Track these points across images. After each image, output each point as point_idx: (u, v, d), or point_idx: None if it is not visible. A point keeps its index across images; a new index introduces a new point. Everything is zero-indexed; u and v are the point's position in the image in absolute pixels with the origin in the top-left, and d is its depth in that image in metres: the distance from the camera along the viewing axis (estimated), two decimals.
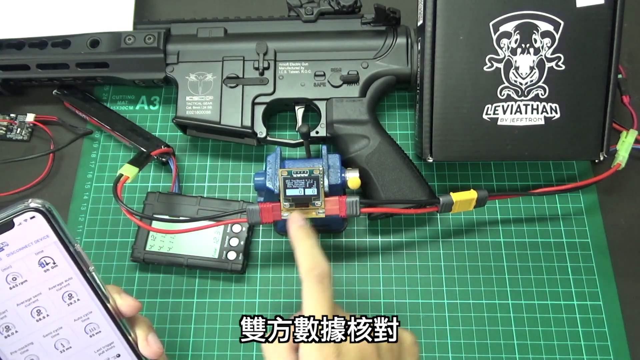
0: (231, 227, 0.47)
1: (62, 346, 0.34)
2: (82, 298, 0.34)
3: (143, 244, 0.47)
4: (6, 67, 0.51)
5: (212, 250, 0.46)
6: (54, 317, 0.34)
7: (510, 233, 0.49)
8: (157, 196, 0.48)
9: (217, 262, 0.46)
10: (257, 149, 0.53)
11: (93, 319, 0.34)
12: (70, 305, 0.34)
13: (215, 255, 0.46)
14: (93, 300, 0.34)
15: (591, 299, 0.46)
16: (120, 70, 0.51)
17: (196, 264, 0.46)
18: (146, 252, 0.46)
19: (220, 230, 0.47)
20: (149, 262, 0.46)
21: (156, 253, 0.46)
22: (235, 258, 0.46)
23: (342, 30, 0.51)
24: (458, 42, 0.44)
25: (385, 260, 0.48)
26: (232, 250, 0.46)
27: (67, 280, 0.33)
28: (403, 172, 0.46)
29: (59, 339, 0.34)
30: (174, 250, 0.46)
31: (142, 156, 0.47)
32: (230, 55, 0.50)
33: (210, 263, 0.46)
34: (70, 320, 0.34)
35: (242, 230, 0.47)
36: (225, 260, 0.46)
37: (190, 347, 0.45)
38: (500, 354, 0.45)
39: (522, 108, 0.45)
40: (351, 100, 0.49)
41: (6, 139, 0.54)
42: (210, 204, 0.48)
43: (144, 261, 0.46)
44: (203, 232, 0.46)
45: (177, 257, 0.46)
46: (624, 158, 0.46)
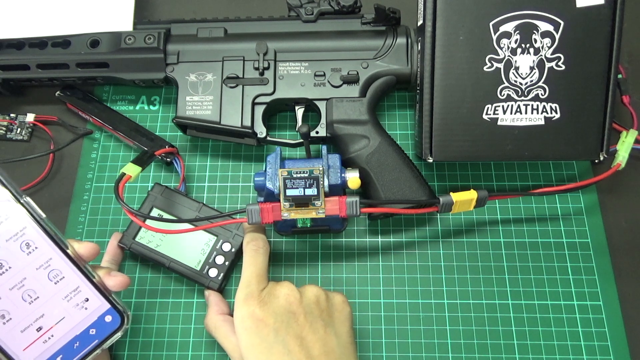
0: (221, 245, 0.46)
1: (30, 297, 0.35)
2: (39, 246, 0.35)
3: (134, 234, 0.46)
4: (6, 67, 0.51)
5: (196, 261, 0.46)
6: (16, 268, 0.35)
7: (510, 233, 0.49)
8: (163, 190, 0.48)
9: (196, 273, 0.46)
10: (257, 149, 0.53)
11: (54, 265, 0.35)
12: (30, 255, 0.35)
13: (197, 267, 0.46)
14: (51, 247, 0.35)
15: (591, 299, 0.46)
16: (121, 70, 0.51)
17: (177, 269, 0.46)
18: (134, 242, 0.46)
19: (210, 244, 0.46)
20: (134, 252, 0.46)
21: (143, 246, 0.46)
22: (215, 276, 0.45)
23: (342, 30, 0.51)
24: (458, 42, 0.44)
25: (385, 260, 0.48)
26: (215, 267, 0.46)
27: (22, 230, 0.35)
28: (403, 172, 0.46)
29: (25, 290, 0.35)
30: (160, 249, 0.46)
31: (145, 155, 0.47)
32: (230, 55, 0.50)
33: (189, 273, 0.46)
34: (32, 269, 0.35)
35: (231, 250, 0.46)
36: (205, 275, 0.45)
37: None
38: (500, 354, 0.45)
39: (522, 108, 0.45)
40: (351, 100, 0.49)
41: (6, 139, 0.54)
42: (210, 213, 0.47)
43: (129, 249, 0.46)
44: (193, 240, 0.46)
45: (161, 257, 0.46)
46: (624, 158, 0.46)
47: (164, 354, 0.45)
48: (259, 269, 0.41)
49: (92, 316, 0.36)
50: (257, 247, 0.42)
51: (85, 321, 0.36)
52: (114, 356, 0.45)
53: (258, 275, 0.40)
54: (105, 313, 0.36)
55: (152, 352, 0.45)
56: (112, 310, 0.36)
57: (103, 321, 0.36)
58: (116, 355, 0.45)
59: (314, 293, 0.39)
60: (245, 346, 0.37)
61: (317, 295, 0.39)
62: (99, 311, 0.36)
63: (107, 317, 0.36)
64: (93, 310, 0.36)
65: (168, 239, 0.47)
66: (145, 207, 0.47)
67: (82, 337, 0.36)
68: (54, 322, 0.35)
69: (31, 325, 0.35)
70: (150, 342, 0.46)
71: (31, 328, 0.35)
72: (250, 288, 0.39)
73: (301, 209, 0.40)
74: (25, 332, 0.35)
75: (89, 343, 0.36)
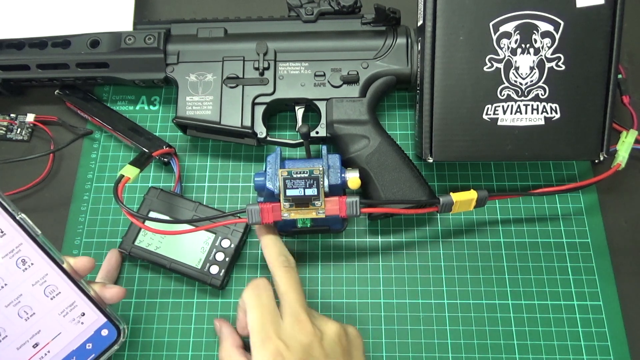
0: (220, 241, 0.46)
1: (26, 313, 0.35)
2: (35, 262, 0.35)
3: (133, 238, 0.46)
4: (6, 67, 0.51)
5: (197, 260, 0.46)
6: (12, 285, 0.34)
7: (510, 233, 0.49)
8: (158, 193, 0.48)
9: (198, 272, 0.45)
10: (257, 149, 0.53)
11: (50, 280, 0.35)
12: (26, 271, 0.35)
13: (198, 266, 0.46)
14: (47, 262, 0.35)
15: (591, 299, 0.46)
16: (121, 71, 0.51)
17: (178, 269, 0.46)
18: (133, 246, 0.46)
19: (209, 242, 0.46)
20: (134, 256, 0.46)
21: (143, 249, 0.46)
22: (216, 273, 0.45)
23: (342, 31, 0.51)
24: (458, 42, 0.44)
25: (385, 260, 0.48)
26: (215, 264, 0.46)
27: (18, 247, 0.34)
28: (403, 172, 0.46)
29: (21, 307, 0.35)
30: (160, 250, 0.46)
31: (143, 157, 0.47)
32: (230, 56, 0.50)
33: (191, 272, 0.46)
34: (28, 285, 0.35)
35: (231, 246, 0.46)
36: (207, 272, 0.45)
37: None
38: (500, 354, 0.45)
39: (522, 108, 0.45)
40: (351, 101, 0.49)
41: (6, 139, 0.54)
42: (206, 212, 0.47)
43: (129, 254, 0.46)
44: (192, 240, 0.46)
45: (162, 258, 0.46)
46: (624, 158, 0.46)
47: (164, 354, 0.45)
48: (298, 294, 0.38)
49: (89, 331, 0.36)
50: (288, 262, 0.40)
51: (81, 336, 0.36)
52: (115, 356, 0.45)
53: (297, 304, 0.37)
54: (101, 327, 0.36)
55: (152, 352, 0.45)
56: (109, 324, 0.36)
57: (99, 335, 0.36)
58: (116, 355, 0.45)
59: (335, 332, 0.38)
60: None
61: (339, 335, 0.38)
62: (95, 325, 0.36)
63: (103, 331, 0.36)
64: (89, 325, 0.36)
65: (167, 240, 0.47)
66: (142, 211, 0.47)
67: (79, 352, 0.35)
68: (50, 338, 0.35)
69: (27, 341, 0.35)
70: (150, 342, 0.46)
71: (27, 345, 0.34)
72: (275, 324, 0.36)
73: (301, 209, 0.40)
74: (22, 349, 0.34)
75: (86, 358, 0.36)
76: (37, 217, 0.37)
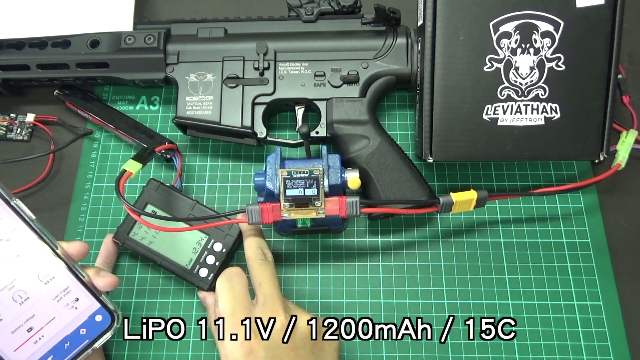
0: (213, 244, 0.46)
1: (20, 297, 0.35)
2: (29, 246, 0.35)
3: (128, 230, 0.46)
4: (6, 67, 0.51)
5: (188, 259, 0.46)
6: (6, 269, 0.35)
7: (510, 233, 0.49)
8: (158, 186, 0.48)
9: (187, 272, 0.45)
10: (257, 149, 0.53)
11: (44, 265, 0.36)
12: (20, 255, 0.35)
13: (187, 266, 0.46)
14: (41, 247, 0.35)
15: (591, 299, 0.46)
16: (121, 71, 0.51)
17: (168, 267, 0.46)
18: (127, 238, 0.46)
19: (202, 243, 0.46)
20: (127, 247, 0.46)
21: (136, 242, 0.46)
22: (205, 276, 0.45)
23: (342, 31, 0.51)
24: (458, 42, 0.44)
25: (385, 260, 0.48)
26: (205, 267, 0.45)
27: (12, 231, 0.35)
28: (403, 172, 0.46)
29: (16, 291, 0.35)
30: (153, 246, 0.46)
31: (145, 152, 0.47)
32: (230, 56, 0.50)
33: (180, 271, 0.45)
34: (22, 270, 0.35)
35: (222, 251, 0.46)
36: (196, 274, 0.45)
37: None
38: (500, 354, 0.45)
39: (522, 108, 0.45)
40: (351, 101, 0.49)
41: (6, 139, 0.54)
42: (203, 211, 0.47)
43: (123, 245, 0.46)
44: (185, 239, 0.46)
45: (153, 254, 0.46)
46: (624, 158, 0.46)
47: (164, 354, 0.45)
48: (273, 285, 0.39)
49: (82, 316, 0.36)
50: (264, 255, 0.41)
51: (75, 321, 0.36)
52: (115, 356, 0.45)
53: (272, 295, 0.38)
54: (95, 313, 0.36)
55: (152, 352, 0.45)
56: (102, 310, 0.37)
57: (93, 321, 0.36)
58: (116, 355, 0.45)
59: (307, 324, 0.38)
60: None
61: (311, 326, 0.38)
62: (89, 311, 0.36)
63: (97, 316, 0.36)
64: (83, 310, 0.36)
65: (161, 236, 0.46)
66: (139, 203, 0.47)
67: (73, 337, 0.36)
68: (44, 323, 0.35)
69: (22, 325, 0.35)
70: (150, 342, 0.46)
71: (22, 329, 0.35)
72: (245, 311, 0.37)
73: (301, 209, 0.40)
74: (16, 332, 0.35)
75: (80, 343, 0.36)
76: (37, 217, 0.37)
